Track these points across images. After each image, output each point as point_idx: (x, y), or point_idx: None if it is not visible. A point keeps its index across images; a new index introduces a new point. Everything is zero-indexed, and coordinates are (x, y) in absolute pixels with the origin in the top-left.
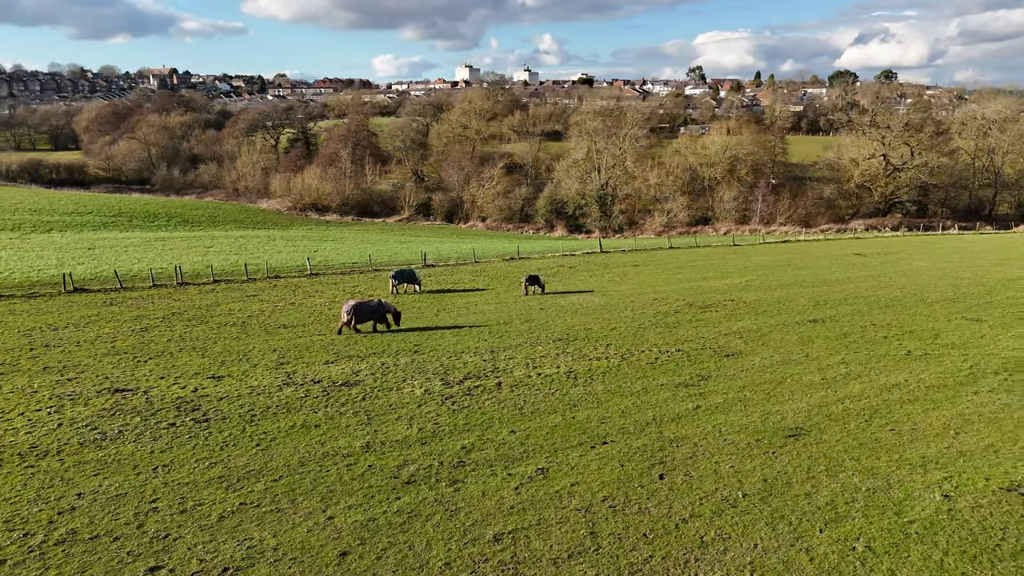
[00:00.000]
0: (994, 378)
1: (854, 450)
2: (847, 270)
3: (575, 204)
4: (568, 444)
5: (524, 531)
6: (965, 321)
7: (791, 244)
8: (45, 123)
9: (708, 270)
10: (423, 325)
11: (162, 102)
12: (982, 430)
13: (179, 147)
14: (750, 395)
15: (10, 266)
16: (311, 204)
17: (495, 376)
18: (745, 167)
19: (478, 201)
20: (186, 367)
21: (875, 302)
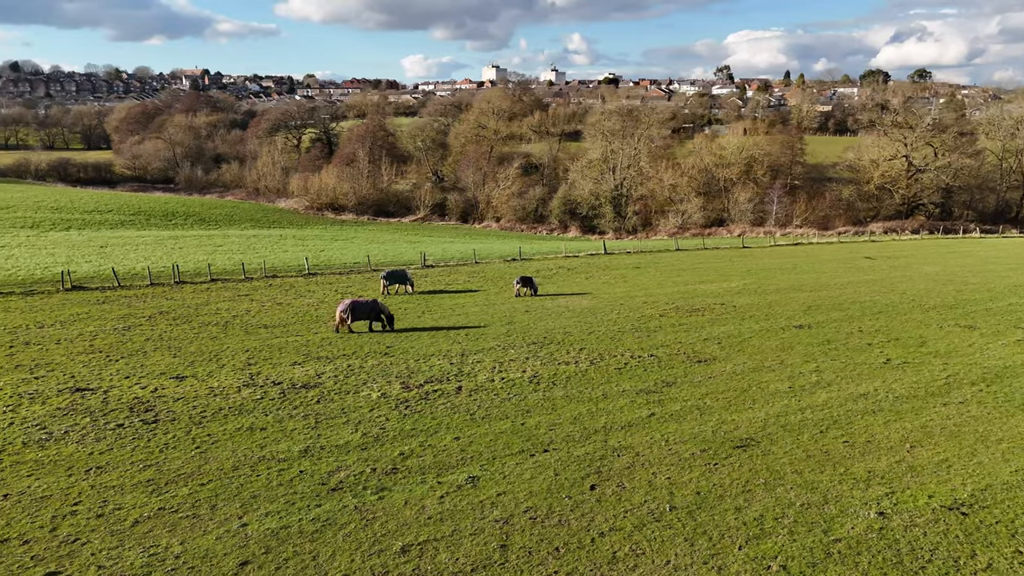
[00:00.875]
0: (969, 389)
1: (800, 463)
2: (851, 274)
3: (588, 205)
4: (509, 451)
5: (435, 543)
6: (957, 328)
7: (802, 247)
8: (78, 123)
9: (709, 273)
10: (404, 326)
11: (190, 102)
12: (940, 444)
13: (203, 147)
14: (710, 403)
15: (19, 263)
16: (327, 204)
17: (457, 380)
18: (761, 168)
19: (493, 201)
20: (154, 367)
21: (870, 307)
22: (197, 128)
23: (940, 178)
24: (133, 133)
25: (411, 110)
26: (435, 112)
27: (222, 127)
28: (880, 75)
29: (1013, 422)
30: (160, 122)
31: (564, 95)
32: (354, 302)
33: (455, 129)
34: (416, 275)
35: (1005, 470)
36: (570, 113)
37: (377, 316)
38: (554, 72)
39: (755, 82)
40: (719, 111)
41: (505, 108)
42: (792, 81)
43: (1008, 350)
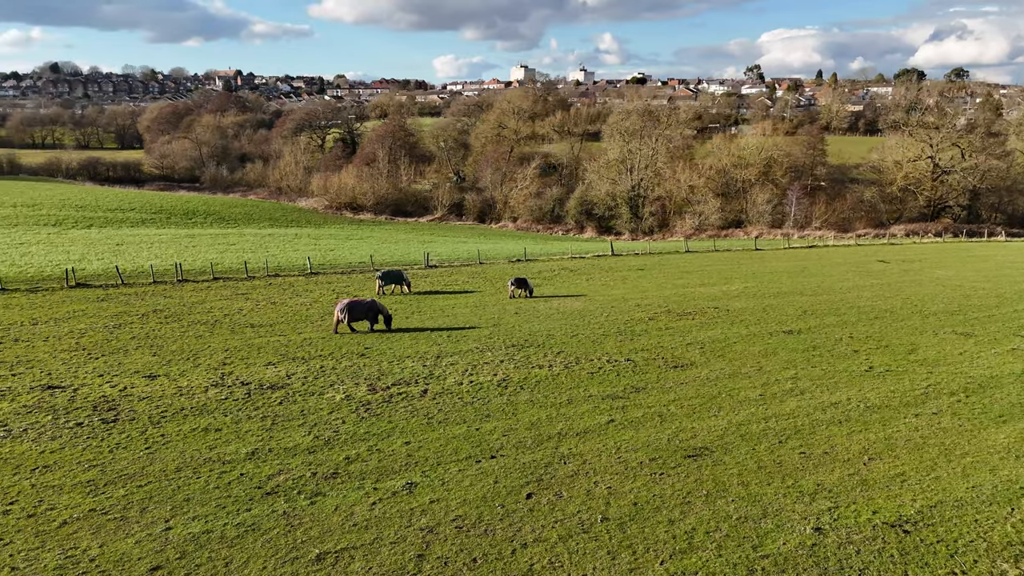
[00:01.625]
0: (947, 399)
1: (749, 474)
2: (859, 278)
3: (605, 206)
4: (456, 457)
5: (352, 551)
6: (953, 335)
7: (816, 249)
8: (112, 123)
9: (712, 275)
10: (393, 327)
11: (219, 103)
12: (901, 456)
13: (229, 146)
14: (674, 410)
15: (32, 261)
16: (346, 203)
17: (425, 383)
18: (780, 169)
19: (510, 201)
20: (131, 365)
21: (867, 313)
22: (224, 128)
23: (967, 180)
24: (163, 133)
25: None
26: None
27: (248, 127)
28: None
29: (983, 435)
30: (188, 122)
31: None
32: (351, 302)
33: (476, 129)
34: (417, 275)
35: (961, 486)
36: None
37: (375, 316)
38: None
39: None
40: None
41: (526, 108)
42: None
43: (999, 359)
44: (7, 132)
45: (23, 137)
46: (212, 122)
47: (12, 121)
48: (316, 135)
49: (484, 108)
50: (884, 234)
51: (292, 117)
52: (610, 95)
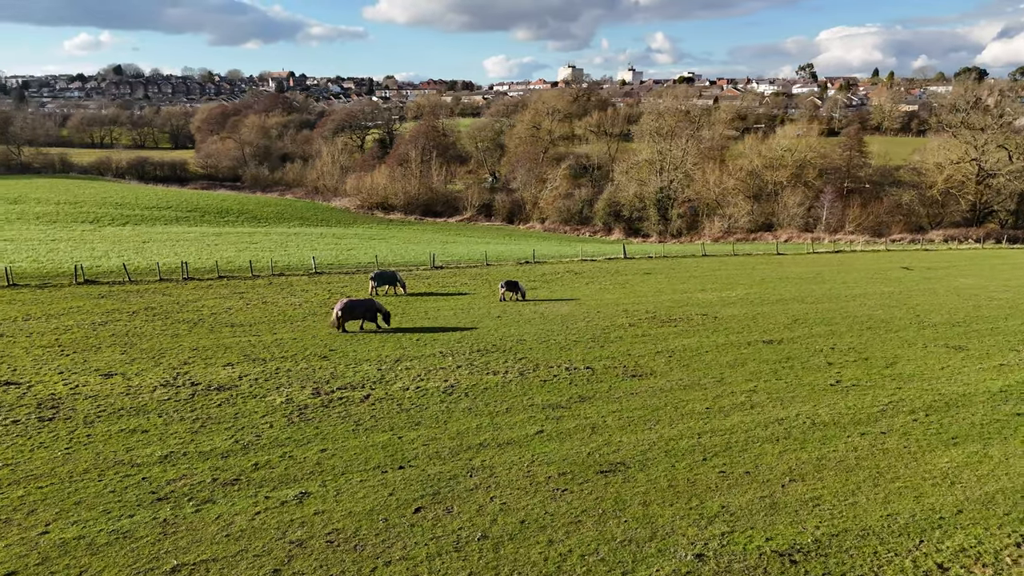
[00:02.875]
0: (904, 418)
1: (656, 493)
2: (873, 285)
3: (633, 207)
4: (365, 467)
5: (209, 564)
6: (943, 348)
7: (842, 255)
8: (167, 123)
9: (718, 280)
10: (367, 328)
11: (267, 104)
12: (826, 479)
13: (272, 146)
14: (610, 422)
15: (56, 257)
16: (378, 203)
17: (371, 388)
18: (813, 171)
19: (540, 202)
20: (96, 363)
21: (862, 322)
22: (268, 128)
23: (1013, 184)
24: (212, 133)
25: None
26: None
27: (292, 127)
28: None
29: (926, 459)
30: (234, 122)
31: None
32: (350, 301)
33: (511, 129)
34: (419, 276)
35: (877, 514)
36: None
37: (373, 316)
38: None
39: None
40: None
41: (560, 108)
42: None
43: (981, 375)
44: (68, 132)
45: (83, 137)
46: (257, 122)
47: (73, 121)
48: (356, 135)
49: (520, 109)
50: (920, 239)
51: (333, 118)
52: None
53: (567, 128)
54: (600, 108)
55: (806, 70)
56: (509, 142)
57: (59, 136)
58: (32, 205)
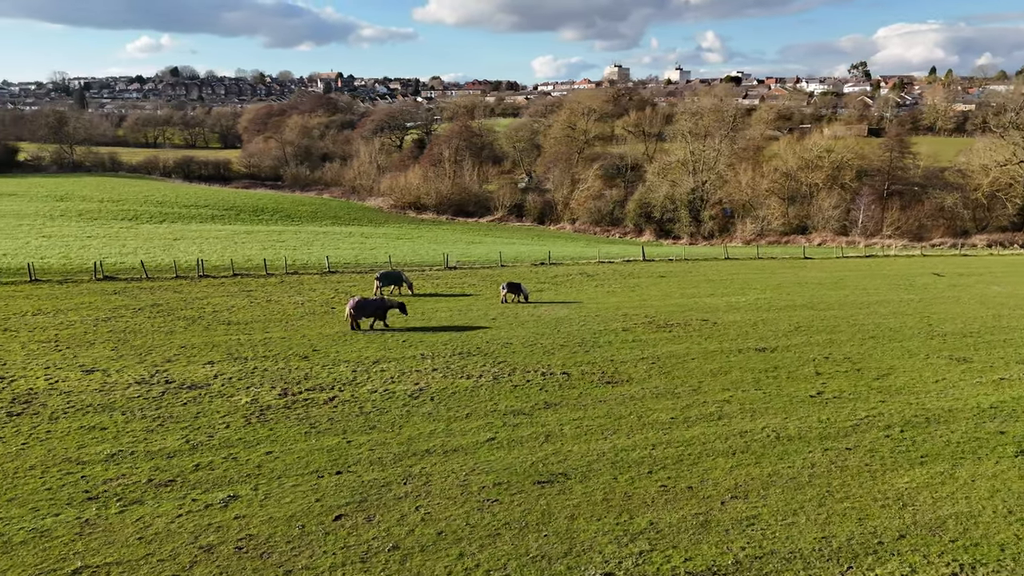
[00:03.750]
0: (876, 433)
1: (588, 506)
2: (894, 292)
3: (664, 208)
4: (304, 471)
5: (111, 567)
6: (945, 360)
7: (873, 259)
8: (217, 123)
9: (733, 285)
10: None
11: (311, 104)
12: (771, 497)
13: (312, 146)
14: (567, 431)
15: (85, 254)
16: (410, 203)
17: (339, 390)
18: (850, 172)
19: (571, 203)
20: (84, 358)
21: (866, 331)
22: (310, 128)
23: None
24: (258, 133)
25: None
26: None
27: (334, 128)
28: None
29: (885, 478)
30: (277, 123)
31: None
32: (361, 300)
33: (547, 129)
34: (430, 276)
35: (812, 536)
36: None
37: (384, 314)
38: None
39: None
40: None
41: (596, 108)
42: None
43: (976, 390)
44: (124, 131)
45: (137, 136)
46: (300, 122)
47: (128, 121)
48: (395, 136)
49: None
50: (962, 244)
51: (372, 118)
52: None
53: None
54: (639, 108)
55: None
56: (544, 142)
57: (115, 136)
58: (77, 202)
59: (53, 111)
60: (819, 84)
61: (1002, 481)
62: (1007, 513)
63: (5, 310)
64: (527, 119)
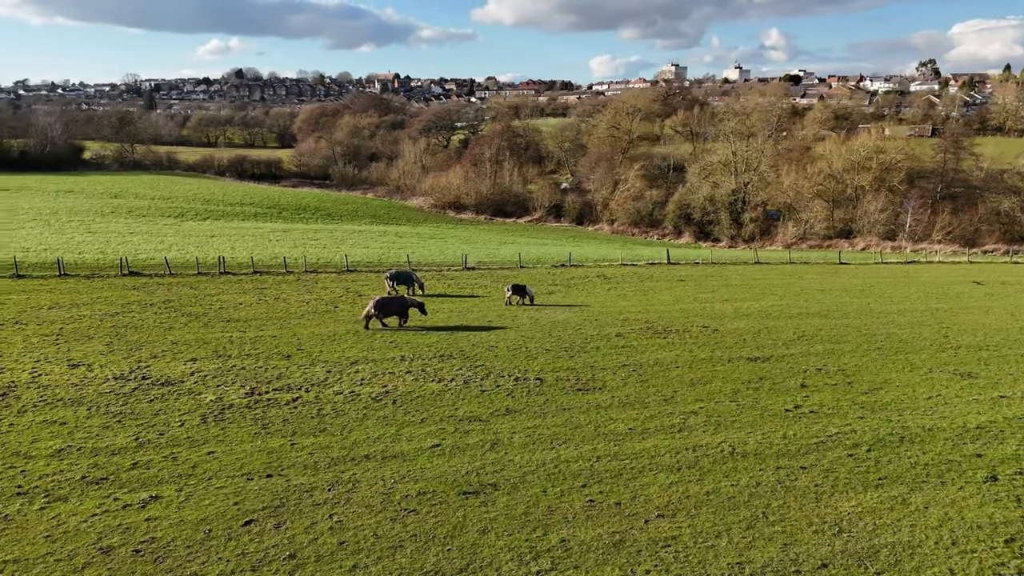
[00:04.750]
0: (839, 452)
1: (505, 520)
2: (922, 300)
3: (703, 210)
4: (235, 473)
5: (11, 564)
6: (948, 375)
7: (913, 266)
8: (276, 124)
9: (751, 290)
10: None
11: (364, 104)
12: (700, 517)
13: (361, 146)
14: (516, 439)
15: (123, 249)
16: (450, 203)
17: (306, 390)
18: (899, 174)
19: (610, 204)
20: (76, 352)
21: (872, 342)
22: (361, 128)
23: None
24: (312, 132)
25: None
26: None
27: (384, 128)
28: None
29: (831, 501)
30: (328, 122)
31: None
32: (382, 299)
33: (590, 129)
34: (445, 276)
35: (725, 560)
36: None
37: (405, 312)
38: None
39: (963, 77)
40: (908, 109)
41: (641, 107)
42: (1014, 75)
43: (969, 408)
44: (187, 131)
45: (200, 136)
46: (351, 123)
47: (192, 121)
48: (442, 136)
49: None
50: (1014, 251)
51: (420, 118)
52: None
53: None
54: (688, 107)
55: (927, 66)
56: (588, 142)
57: (179, 135)
58: (129, 199)
59: (116, 111)
60: (884, 82)
61: (958, 509)
62: (950, 544)
63: (24, 303)
64: (574, 119)
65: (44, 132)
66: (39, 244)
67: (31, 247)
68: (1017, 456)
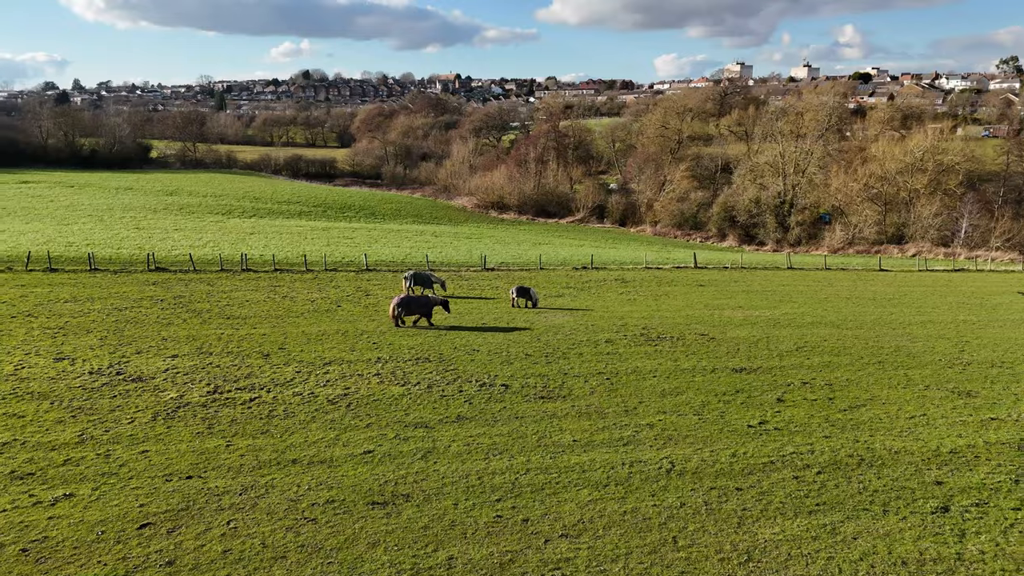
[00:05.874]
0: (786, 473)
1: (401, 533)
2: (951, 312)
3: (748, 213)
4: (158, 473)
5: None
6: (945, 393)
7: (959, 274)
8: (336, 123)
9: (770, 297)
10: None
11: (421, 105)
12: (606, 538)
13: (412, 146)
14: (453, 448)
15: (161, 244)
16: (494, 202)
17: (267, 390)
18: (956, 177)
19: (655, 205)
20: (68, 346)
21: (874, 355)
22: (415, 128)
23: None
24: (368, 132)
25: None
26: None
27: (437, 128)
28: None
29: (752, 527)
30: (381, 123)
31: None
32: (407, 297)
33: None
34: (462, 277)
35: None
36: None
37: (429, 312)
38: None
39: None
40: (985, 108)
41: (692, 107)
42: None
43: (951, 430)
44: (252, 131)
45: (264, 136)
46: (406, 123)
47: (257, 121)
48: (493, 136)
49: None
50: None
51: (472, 118)
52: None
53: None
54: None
55: (1009, 64)
56: (638, 142)
57: (244, 135)
58: (183, 197)
59: (180, 112)
60: (961, 80)
61: (889, 541)
62: None
63: (43, 296)
64: (626, 119)
65: (113, 132)
66: (84, 239)
67: (75, 242)
68: (982, 486)
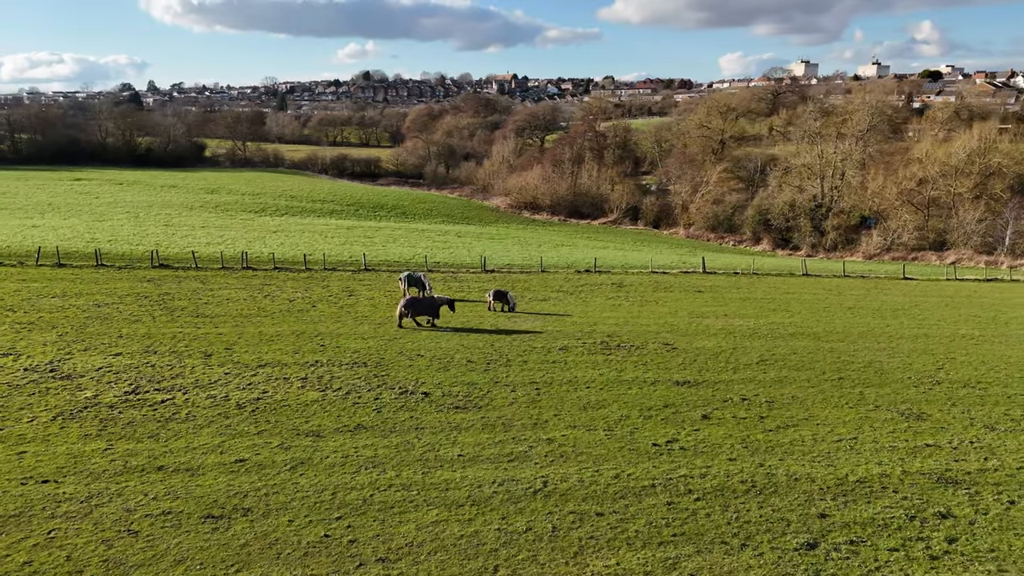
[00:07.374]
0: (660, 498)
1: (219, 551)
2: (954, 326)
3: (783, 216)
4: (22, 476)
5: None
6: (894, 415)
7: (985, 284)
8: (390, 124)
9: (764, 306)
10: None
11: (470, 105)
12: (425, 564)
13: (456, 146)
14: (329, 459)
15: (182, 242)
16: (527, 203)
17: (183, 392)
18: (1003, 181)
19: (690, 207)
20: (23, 342)
21: (844, 370)
22: (461, 128)
23: None
24: (418, 132)
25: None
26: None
27: (483, 128)
28: None
29: (589, 558)
30: (429, 123)
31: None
32: (413, 299)
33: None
34: (457, 279)
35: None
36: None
37: (436, 312)
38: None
39: None
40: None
41: (735, 106)
42: None
43: (874, 457)
44: (308, 130)
45: (320, 135)
46: (452, 123)
47: (313, 121)
48: (537, 135)
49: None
50: None
51: (515, 118)
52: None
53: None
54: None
55: None
56: (679, 142)
57: (301, 134)
58: (222, 195)
59: (233, 112)
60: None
61: None
62: None
63: (35, 291)
64: (672, 118)
65: (167, 131)
66: (111, 236)
67: (100, 237)
68: (869, 521)
